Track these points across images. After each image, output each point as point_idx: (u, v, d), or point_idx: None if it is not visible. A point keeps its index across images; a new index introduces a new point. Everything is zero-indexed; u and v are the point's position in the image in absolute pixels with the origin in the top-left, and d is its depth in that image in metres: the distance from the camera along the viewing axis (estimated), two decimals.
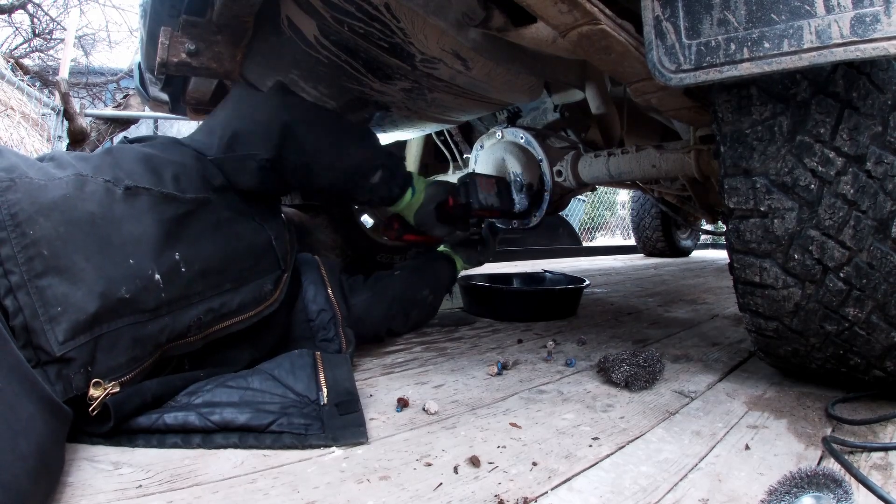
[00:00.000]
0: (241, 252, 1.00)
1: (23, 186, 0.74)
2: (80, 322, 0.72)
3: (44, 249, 0.71)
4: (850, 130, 0.81)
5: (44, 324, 0.69)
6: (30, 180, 0.75)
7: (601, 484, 0.68)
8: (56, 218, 0.74)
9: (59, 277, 0.72)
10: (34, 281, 0.69)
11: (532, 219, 1.84)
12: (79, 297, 0.72)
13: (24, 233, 0.70)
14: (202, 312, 0.91)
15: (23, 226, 0.71)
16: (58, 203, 0.76)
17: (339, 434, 0.77)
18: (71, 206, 0.77)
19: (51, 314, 0.69)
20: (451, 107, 1.57)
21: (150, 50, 1.28)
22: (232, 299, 0.96)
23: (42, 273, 0.70)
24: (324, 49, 1.27)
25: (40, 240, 0.72)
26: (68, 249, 0.74)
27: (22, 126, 3.67)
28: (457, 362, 1.22)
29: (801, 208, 0.86)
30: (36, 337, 0.68)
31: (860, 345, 0.91)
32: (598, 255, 5.36)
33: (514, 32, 1.09)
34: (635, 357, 1.08)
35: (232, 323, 0.97)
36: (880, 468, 0.74)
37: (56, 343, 0.69)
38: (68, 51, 5.03)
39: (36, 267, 0.70)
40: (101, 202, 0.81)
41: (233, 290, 0.97)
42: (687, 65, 0.75)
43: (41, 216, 0.73)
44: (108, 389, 0.73)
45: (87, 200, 0.80)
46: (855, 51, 0.66)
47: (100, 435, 0.75)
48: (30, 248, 0.70)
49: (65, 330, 0.70)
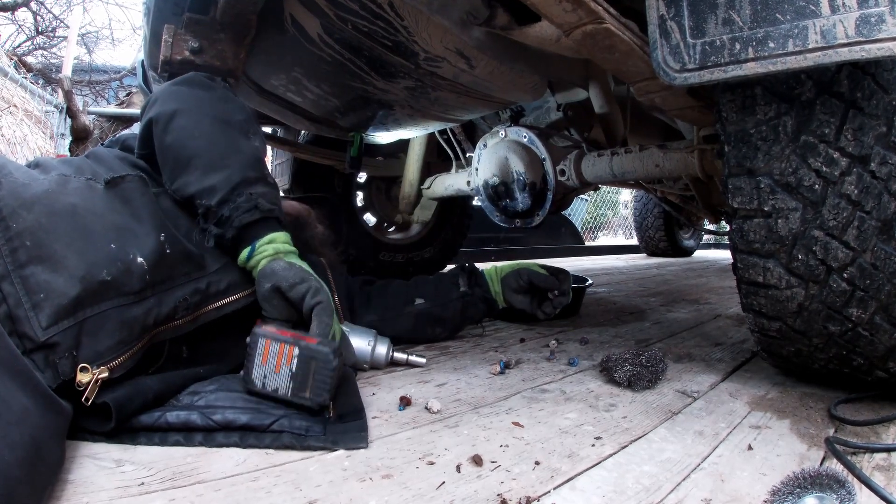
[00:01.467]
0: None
1: (7, 185, 0.78)
2: (63, 306, 0.73)
3: (27, 240, 0.74)
4: (854, 131, 0.81)
5: (27, 311, 0.71)
6: (14, 179, 0.79)
7: (604, 483, 0.68)
8: (38, 210, 0.77)
9: (41, 266, 0.74)
10: (18, 271, 0.72)
11: (535, 218, 1.83)
12: (60, 283, 0.74)
13: (7, 226, 0.74)
14: (189, 293, 0.90)
15: (6, 220, 0.74)
16: (40, 197, 0.79)
17: (340, 438, 0.77)
18: (53, 200, 0.80)
19: (34, 301, 0.72)
20: (455, 105, 1.57)
21: (153, 48, 1.28)
22: (219, 280, 0.95)
23: (25, 263, 0.73)
24: (327, 47, 1.27)
25: (23, 231, 0.74)
26: (50, 239, 0.76)
27: (25, 123, 3.68)
28: (459, 361, 1.22)
29: (805, 208, 0.86)
30: (20, 325, 0.70)
31: (863, 345, 0.91)
32: (601, 254, 5.36)
33: (518, 31, 1.08)
34: (638, 357, 1.08)
35: (222, 304, 0.95)
36: (883, 469, 0.74)
37: (39, 328, 0.71)
38: (71, 48, 5.04)
39: (20, 257, 0.73)
40: (82, 195, 0.84)
41: (220, 270, 0.96)
42: (691, 64, 0.75)
43: (24, 210, 0.76)
44: (96, 374, 0.74)
45: (70, 194, 0.82)
46: (860, 51, 0.66)
47: (102, 433, 0.75)
48: (14, 240, 0.73)
49: (48, 315, 0.72)
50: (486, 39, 1.15)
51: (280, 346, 0.83)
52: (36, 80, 5.18)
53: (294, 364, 0.82)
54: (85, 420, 0.75)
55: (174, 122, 0.95)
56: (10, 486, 0.51)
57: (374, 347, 1.09)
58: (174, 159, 0.95)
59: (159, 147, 0.96)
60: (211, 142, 0.96)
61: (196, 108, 0.98)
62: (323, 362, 0.82)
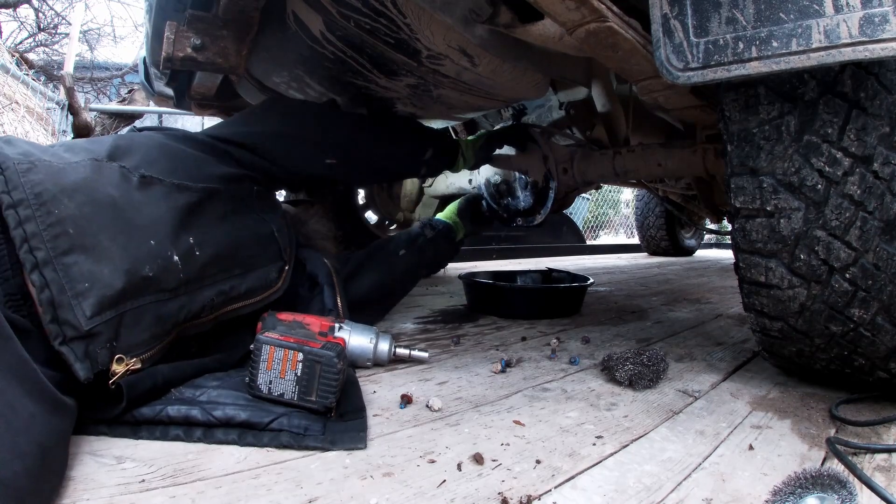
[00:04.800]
0: (247, 240, 1.06)
1: (43, 168, 0.78)
2: (107, 298, 0.75)
3: (69, 228, 0.75)
4: (857, 131, 0.81)
5: (71, 299, 0.71)
6: (49, 163, 0.80)
7: (605, 482, 0.68)
8: (80, 199, 0.78)
9: (84, 255, 0.75)
10: (60, 258, 0.73)
11: (537, 217, 1.83)
12: (105, 274, 0.76)
13: (49, 211, 0.74)
14: (215, 294, 0.96)
15: (48, 205, 0.74)
16: (80, 185, 0.80)
17: (338, 438, 0.77)
18: (92, 189, 0.81)
19: (77, 290, 0.72)
20: (457, 103, 1.56)
21: (155, 45, 1.28)
22: (240, 283, 1.02)
23: (68, 250, 0.74)
24: (329, 45, 1.27)
25: (66, 219, 0.75)
26: (93, 229, 0.77)
27: (27, 120, 3.68)
28: (460, 359, 1.22)
29: (808, 208, 0.86)
30: (63, 311, 0.71)
31: (865, 346, 0.91)
32: (602, 253, 5.36)
33: (521, 29, 1.08)
34: (639, 356, 1.08)
35: (241, 306, 1.02)
36: (884, 469, 0.74)
37: (84, 317, 0.72)
38: (73, 45, 5.04)
39: (61, 244, 0.73)
40: (119, 186, 0.86)
41: (241, 274, 1.03)
42: (695, 63, 0.75)
43: (65, 196, 0.77)
44: (129, 366, 0.76)
45: (107, 184, 0.84)
46: (863, 51, 0.66)
47: (106, 421, 0.76)
48: (55, 227, 0.74)
49: (92, 305, 0.73)
50: (489, 37, 1.15)
51: (284, 352, 0.84)
52: (38, 76, 5.18)
53: (299, 369, 0.83)
54: (90, 406, 0.75)
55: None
56: (21, 499, 0.52)
57: (376, 344, 1.09)
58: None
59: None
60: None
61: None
62: (327, 366, 0.83)
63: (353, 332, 1.07)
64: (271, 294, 1.09)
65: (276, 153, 1.22)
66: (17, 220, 0.72)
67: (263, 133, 1.22)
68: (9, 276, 0.73)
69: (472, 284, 1.86)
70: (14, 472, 0.52)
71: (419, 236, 1.57)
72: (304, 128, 1.29)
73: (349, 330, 1.07)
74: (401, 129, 1.54)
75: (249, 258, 1.05)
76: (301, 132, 1.28)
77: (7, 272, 0.73)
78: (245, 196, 1.11)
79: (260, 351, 0.84)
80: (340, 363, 0.84)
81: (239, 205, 1.08)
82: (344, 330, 1.06)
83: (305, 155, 1.29)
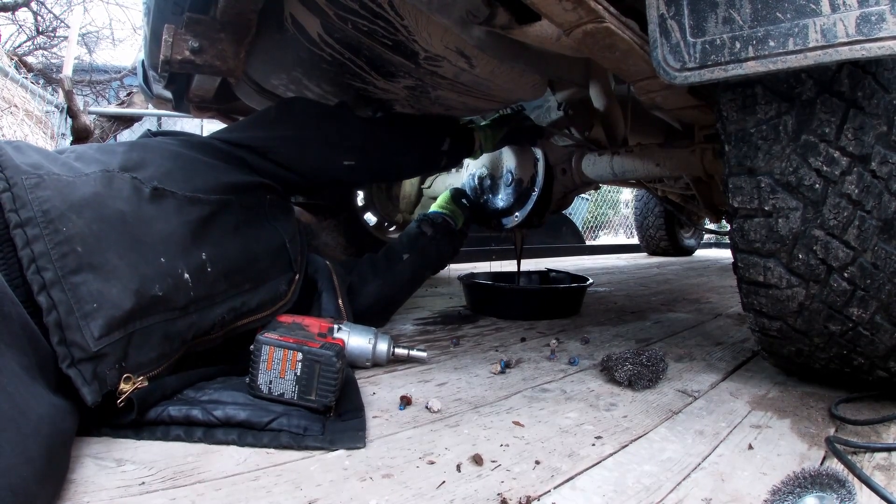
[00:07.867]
0: (259, 253, 1.04)
1: (52, 183, 0.75)
2: (116, 318, 0.73)
3: (77, 246, 0.72)
4: (855, 130, 0.81)
5: (79, 320, 0.69)
6: (58, 177, 0.77)
7: (604, 483, 0.68)
8: (88, 215, 0.76)
9: (93, 274, 0.73)
10: (68, 277, 0.70)
11: (512, 218, 1.79)
12: (114, 294, 0.74)
13: (57, 230, 0.71)
14: (225, 311, 0.94)
15: (55, 223, 0.72)
16: (89, 200, 0.77)
17: (337, 438, 0.77)
18: (101, 204, 0.79)
19: (85, 310, 0.70)
20: (455, 105, 1.56)
21: (153, 47, 1.28)
22: (251, 298, 1.00)
23: (76, 270, 0.71)
24: (327, 47, 1.27)
25: (74, 237, 0.73)
26: (102, 246, 0.75)
27: (26, 123, 3.68)
28: (460, 360, 1.22)
29: (806, 208, 0.86)
30: (71, 333, 0.68)
31: (864, 345, 0.91)
32: (602, 253, 5.36)
33: (519, 30, 1.08)
34: (638, 356, 1.08)
35: (251, 321, 1.00)
36: (883, 469, 0.74)
37: (92, 339, 0.70)
38: (72, 48, 5.03)
39: (69, 264, 0.71)
40: (129, 200, 0.83)
41: (252, 289, 1.01)
42: (692, 63, 0.75)
43: (73, 213, 0.74)
44: (136, 384, 0.75)
45: (117, 198, 0.82)
46: (860, 50, 0.66)
47: (109, 425, 0.75)
48: (63, 245, 0.71)
49: (100, 326, 0.71)
50: (487, 38, 1.15)
51: (284, 352, 0.84)
52: (36, 80, 5.18)
53: (298, 368, 0.83)
54: (101, 415, 0.74)
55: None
56: (30, 503, 0.52)
57: (374, 345, 1.09)
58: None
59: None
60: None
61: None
62: (326, 365, 0.83)
63: (351, 333, 1.07)
64: (281, 307, 1.08)
65: (293, 157, 1.22)
66: (24, 241, 0.69)
67: (279, 137, 1.21)
68: (21, 295, 0.69)
69: (472, 285, 1.86)
70: (23, 477, 0.51)
71: (420, 236, 1.54)
72: (320, 129, 1.28)
73: (348, 331, 1.07)
74: (415, 122, 1.55)
75: (260, 272, 1.04)
76: (317, 134, 1.28)
77: (18, 290, 0.69)
78: (258, 205, 1.10)
79: (260, 351, 0.85)
80: (339, 363, 0.84)
81: (251, 215, 1.06)
82: (343, 331, 1.06)
83: (322, 157, 1.29)
